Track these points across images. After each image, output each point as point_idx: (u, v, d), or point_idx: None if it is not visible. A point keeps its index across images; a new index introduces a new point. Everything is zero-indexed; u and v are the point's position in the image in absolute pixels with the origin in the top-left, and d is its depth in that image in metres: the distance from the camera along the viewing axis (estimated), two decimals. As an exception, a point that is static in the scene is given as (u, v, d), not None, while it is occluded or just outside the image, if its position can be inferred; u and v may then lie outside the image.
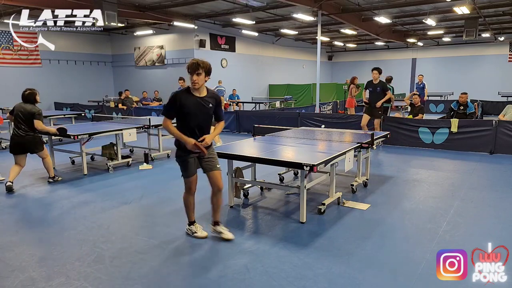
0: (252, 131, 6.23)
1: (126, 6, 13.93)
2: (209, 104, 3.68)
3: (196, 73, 3.54)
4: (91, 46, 20.25)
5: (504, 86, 21.05)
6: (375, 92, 8.46)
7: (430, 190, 5.69)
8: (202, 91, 3.67)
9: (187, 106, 3.58)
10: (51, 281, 3.14)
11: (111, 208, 4.98)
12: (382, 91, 8.43)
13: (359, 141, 5.35)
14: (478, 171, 6.83)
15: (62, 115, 11.96)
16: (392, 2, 14.40)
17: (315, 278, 3.15)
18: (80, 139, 6.62)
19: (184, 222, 4.43)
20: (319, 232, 4.14)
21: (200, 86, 3.61)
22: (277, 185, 5.47)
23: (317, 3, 13.49)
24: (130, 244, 3.86)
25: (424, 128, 8.92)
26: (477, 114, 10.93)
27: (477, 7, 14.24)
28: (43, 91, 18.02)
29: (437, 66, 25.47)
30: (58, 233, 4.18)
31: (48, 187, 6.03)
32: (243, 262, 3.45)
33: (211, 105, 3.70)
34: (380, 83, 8.51)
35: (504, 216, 4.57)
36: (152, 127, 7.75)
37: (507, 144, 8.09)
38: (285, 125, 7.67)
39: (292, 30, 19.99)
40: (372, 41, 24.19)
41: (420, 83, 14.14)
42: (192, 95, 3.63)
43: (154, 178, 6.56)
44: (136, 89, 18.75)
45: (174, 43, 18.82)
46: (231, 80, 18.81)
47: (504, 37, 22.31)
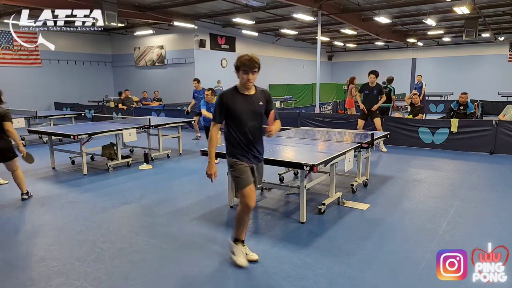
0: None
1: (126, 6, 13.93)
2: (259, 102, 3.30)
3: (252, 72, 3.17)
4: (91, 46, 20.26)
5: (504, 86, 21.05)
6: (372, 94, 8.39)
7: (430, 190, 5.69)
8: (251, 89, 3.31)
9: (237, 107, 3.22)
10: (51, 281, 3.14)
11: (111, 208, 4.98)
12: (378, 94, 8.38)
13: (359, 141, 5.35)
14: (478, 171, 6.83)
15: (62, 115, 11.94)
16: (392, 2, 14.40)
17: (315, 278, 3.15)
18: (80, 139, 6.62)
19: (184, 222, 4.44)
20: (319, 232, 4.14)
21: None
22: (277, 185, 5.47)
23: (317, 3, 13.49)
24: (130, 244, 3.86)
25: (424, 128, 8.92)
26: (477, 114, 10.92)
27: (477, 7, 14.24)
28: (43, 91, 18.19)
29: (437, 66, 25.48)
30: (58, 233, 4.18)
31: (47, 187, 6.03)
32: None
33: (262, 103, 3.31)
34: (377, 86, 8.41)
35: (504, 216, 4.57)
36: (152, 127, 7.75)
37: (507, 144, 8.09)
38: (285, 125, 7.66)
39: (292, 30, 19.99)
40: (372, 41, 24.19)
41: (419, 83, 14.16)
42: (241, 94, 3.26)
43: (154, 178, 6.56)
44: (136, 89, 18.75)
45: (174, 43, 18.82)
46: (231, 80, 18.82)
47: (504, 37, 22.32)
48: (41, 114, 10.89)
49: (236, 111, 3.21)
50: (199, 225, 4.34)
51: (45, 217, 4.72)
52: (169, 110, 13.71)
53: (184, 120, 9.01)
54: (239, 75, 3.22)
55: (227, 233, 4.11)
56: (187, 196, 5.51)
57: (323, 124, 10.01)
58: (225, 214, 4.70)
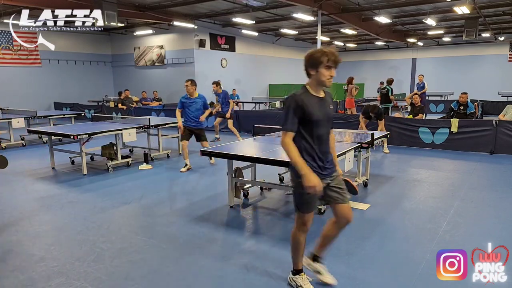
0: (252, 131, 6.23)
1: (126, 6, 13.92)
2: (330, 106, 2.86)
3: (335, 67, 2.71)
4: (91, 46, 20.24)
5: (504, 86, 21.03)
6: None
7: (430, 190, 5.69)
8: (321, 91, 2.84)
9: (315, 112, 2.70)
10: (51, 281, 3.14)
11: (111, 208, 4.98)
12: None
13: (359, 141, 5.35)
14: (478, 171, 6.83)
15: (62, 115, 11.95)
16: (392, 2, 14.40)
17: (315, 278, 3.14)
18: (80, 139, 6.62)
19: (184, 222, 4.43)
20: (319, 232, 4.12)
21: None
22: (277, 185, 5.47)
23: (317, 3, 13.48)
24: (130, 244, 3.86)
25: (424, 128, 8.91)
26: (477, 114, 10.93)
27: (477, 7, 14.23)
28: (42, 91, 18.19)
29: (437, 66, 25.46)
30: (58, 233, 4.18)
31: (47, 187, 6.02)
32: (243, 262, 3.45)
33: (332, 107, 2.88)
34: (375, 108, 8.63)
35: (504, 216, 4.57)
36: (152, 127, 7.75)
37: (507, 144, 8.09)
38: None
39: (292, 30, 19.99)
40: (372, 41, 24.17)
41: (421, 83, 14.17)
42: (314, 97, 2.75)
43: (154, 178, 6.56)
44: (136, 89, 18.73)
45: (174, 43, 18.81)
46: (231, 80, 18.84)
47: (504, 37, 22.30)
48: (41, 114, 10.90)
49: (314, 116, 2.69)
50: (199, 225, 4.33)
51: (45, 217, 4.72)
52: (168, 110, 13.71)
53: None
54: (315, 72, 2.70)
55: (227, 233, 4.11)
56: (187, 196, 5.51)
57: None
58: (225, 214, 4.70)
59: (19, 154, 8.71)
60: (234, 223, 4.44)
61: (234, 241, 3.90)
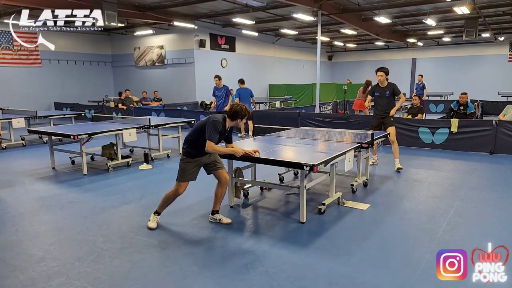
0: (252, 131, 6.23)
1: (126, 6, 13.92)
2: None
3: None
4: (91, 46, 20.24)
5: (504, 86, 21.03)
6: (384, 97, 6.89)
7: (430, 190, 5.69)
8: None
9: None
10: (51, 281, 3.14)
11: (111, 208, 4.98)
12: (392, 95, 6.87)
13: (359, 141, 5.35)
14: (478, 171, 6.83)
15: (62, 115, 11.95)
16: (392, 2, 14.40)
17: (315, 278, 3.15)
18: (80, 139, 6.62)
19: (183, 222, 4.45)
20: (319, 232, 4.14)
21: None
22: (277, 185, 5.47)
23: (317, 3, 13.48)
24: (130, 244, 3.86)
25: (424, 128, 8.92)
26: (477, 114, 10.93)
27: (477, 7, 14.23)
28: (43, 91, 18.19)
29: (437, 66, 25.46)
30: (58, 233, 4.18)
31: (47, 187, 6.03)
32: (243, 262, 3.45)
33: None
34: (389, 85, 6.88)
35: (504, 216, 4.57)
36: (152, 127, 7.75)
37: (507, 144, 8.09)
38: (285, 125, 7.67)
39: (292, 30, 19.98)
40: (372, 41, 24.17)
41: (420, 83, 14.16)
42: None
43: (154, 178, 6.56)
44: (136, 89, 18.74)
45: (174, 43, 18.81)
46: (231, 80, 18.82)
47: (504, 37, 22.30)
48: (41, 114, 10.90)
49: None
50: (199, 225, 4.34)
51: (45, 217, 4.72)
52: (169, 110, 13.71)
53: (184, 120, 9.01)
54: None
55: (227, 233, 4.11)
56: (187, 196, 5.49)
57: (323, 124, 10.01)
58: (225, 214, 4.69)
59: (20, 154, 8.71)
60: (234, 223, 4.44)
61: (234, 241, 3.90)
